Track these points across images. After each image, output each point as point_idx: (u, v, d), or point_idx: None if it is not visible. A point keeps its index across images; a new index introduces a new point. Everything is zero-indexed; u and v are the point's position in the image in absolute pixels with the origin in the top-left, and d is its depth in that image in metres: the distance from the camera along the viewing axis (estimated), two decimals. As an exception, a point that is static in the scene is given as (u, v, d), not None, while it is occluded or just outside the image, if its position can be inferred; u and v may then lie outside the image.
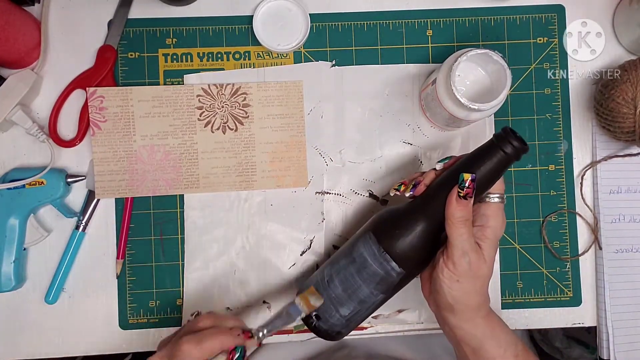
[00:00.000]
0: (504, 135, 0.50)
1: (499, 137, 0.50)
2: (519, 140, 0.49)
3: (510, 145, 0.49)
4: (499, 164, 0.50)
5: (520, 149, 0.50)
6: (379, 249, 0.53)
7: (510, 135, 0.49)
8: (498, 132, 0.50)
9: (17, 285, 0.64)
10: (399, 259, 0.53)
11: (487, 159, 0.50)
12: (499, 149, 0.50)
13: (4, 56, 0.62)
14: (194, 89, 0.65)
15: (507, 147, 0.49)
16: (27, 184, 0.63)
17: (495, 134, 0.51)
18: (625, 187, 0.68)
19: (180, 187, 0.65)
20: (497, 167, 0.50)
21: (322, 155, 0.67)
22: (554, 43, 0.68)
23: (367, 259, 0.54)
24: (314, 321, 0.56)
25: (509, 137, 0.49)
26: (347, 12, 0.68)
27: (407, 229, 0.53)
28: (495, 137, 0.50)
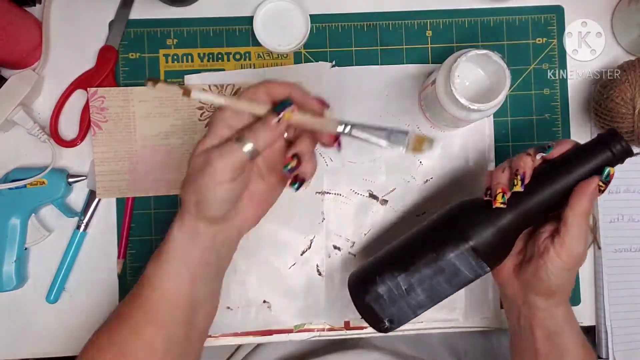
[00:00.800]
0: (613, 136, 0.51)
1: (607, 137, 0.51)
2: (626, 142, 0.51)
3: (619, 145, 0.50)
4: (604, 163, 0.51)
5: (626, 151, 0.51)
6: (477, 260, 0.51)
7: (618, 136, 0.51)
8: (604, 132, 0.52)
9: (18, 285, 0.64)
10: (491, 261, 0.52)
11: (592, 157, 0.51)
12: (606, 148, 0.51)
13: (5, 57, 0.62)
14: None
15: (615, 146, 0.50)
16: (28, 184, 0.63)
17: (602, 134, 0.52)
18: (624, 187, 0.68)
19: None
20: (600, 166, 0.51)
21: (322, 155, 0.67)
22: (553, 43, 0.69)
23: (460, 268, 0.52)
24: (386, 325, 0.54)
25: (618, 138, 0.51)
26: (347, 12, 0.68)
27: (501, 230, 0.52)
28: (601, 136, 0.52)
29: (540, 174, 0.52)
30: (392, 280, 0.53)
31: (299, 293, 0.66)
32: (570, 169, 0.51)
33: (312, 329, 0.67)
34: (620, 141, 0.51)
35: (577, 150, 0.52)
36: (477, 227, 0.52)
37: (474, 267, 0.51)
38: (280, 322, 0.66)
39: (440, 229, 0.54)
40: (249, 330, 0.66)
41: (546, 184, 0.51)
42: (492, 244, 0.51)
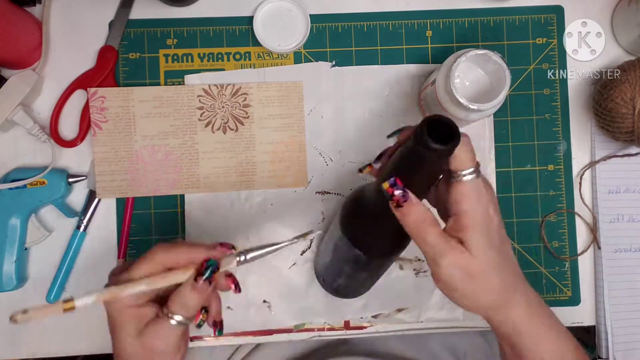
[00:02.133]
0: (419, 134, 0.37)
1: (415, 137, 0.38)
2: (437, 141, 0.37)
3: (426, 147, 0.37)
4: (423, 170, 0.41)
5: (439, 150, 0.37)
6: (340, 235, 0.50)
7: (425, 132, 0.37)
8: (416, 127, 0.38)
9: (18, 285, 0.64)
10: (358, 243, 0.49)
11: (408, 165, 0.41)
12: (416, 152, 0.38)
13: (5, 57, 0.62)
14: (194, 89, 0.65)
15: (422, 149, 0.37)
16: (29, 184, 0.63)
17: (414, 131, 0.38)
18: (624, 187, 0.68)
19: (180, 187, 0.66)
20: (423, 176, 0.42)
21: (322, 155, 0.67)
22: (553, 43, 0.69)
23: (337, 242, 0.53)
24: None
25: (423, 136, 0.37)
26: (347, 12, 0.68)
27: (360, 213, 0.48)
28: (413, 134, 0.38)
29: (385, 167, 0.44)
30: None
31: (299, 293, 0.67)
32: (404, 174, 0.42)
33: (312, 328, 0.67)
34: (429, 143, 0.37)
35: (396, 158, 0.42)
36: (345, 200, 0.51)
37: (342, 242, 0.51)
38: (280, 322, 0.66)
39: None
40: (249, 330, 0.66)
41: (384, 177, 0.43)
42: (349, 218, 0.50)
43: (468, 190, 0.42)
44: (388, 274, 0.67)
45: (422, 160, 0.39)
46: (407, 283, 0.67)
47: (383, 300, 0.67)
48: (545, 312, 0.47)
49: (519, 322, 0.45)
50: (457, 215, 0.42)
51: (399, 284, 0.67)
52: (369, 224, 0.48)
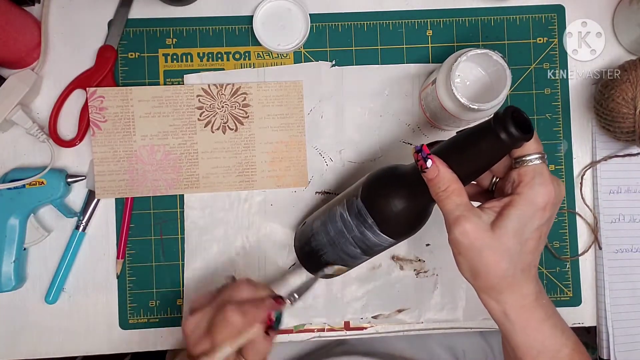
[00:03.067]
0: (502, 118, 0.42)
1: (496, 119, 0.43)
2: (516, 128, 0.42)
3: (505, 132, 0.42)
4: (492, 149, 0.44)
5: (516, 138, 0.42)
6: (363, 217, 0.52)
7: (509, 118, 0.42)
8: (499, 112, 0.43)
9: (17, 285, 0.64)
10: (385, 226, 0.51)
11: (480, 141, 0.44)
12: (494, 132, 0.42)
13: (4, 56, 0.62)
14: (194, 89, 0.65)
15: (502, 132, 0.42)
16: (27, 184, 0.63)
17: (496, 113, 0.43)
18: (625, 187, 0.68)
19: (180, 187, 0.65)
20: (489, 153, 0.44)
21: (322, 155, 0.67)
22: (554, 43, 0.68)
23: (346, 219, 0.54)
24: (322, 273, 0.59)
25: (506, 123, 0.42)
26: (347, 12, 0.68)
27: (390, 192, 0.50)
28: (494, 116, 0.43)
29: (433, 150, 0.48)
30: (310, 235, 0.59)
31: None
32: (455, 153, 0.46)
33: (312, 329, 0.67)
34: (508, 128, 0.42)
35: (467, 131, 0.46)
36: (373, 192, 0.52)
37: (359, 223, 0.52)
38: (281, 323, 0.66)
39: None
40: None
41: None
42: (385, 212, 0.51)
43: (530, 173, 0.45)
44: (388, 274, 0.67)
45: (493, 143, 0.43)
46: (407, 284, 0.67)
47: (383, 301, 0.67)
48: (543, 307, 0.47)
49: (509, 310, 0.46)
50: (511, 195, 0.45)
51: (399, 284, 0.67)
52: (394, 197, 0.50)
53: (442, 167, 0.45)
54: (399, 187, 0.50)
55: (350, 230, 0.53)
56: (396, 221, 0.51)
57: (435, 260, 0.67)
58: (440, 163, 0.45)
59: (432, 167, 0.45)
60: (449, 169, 0.45)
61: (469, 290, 0.67)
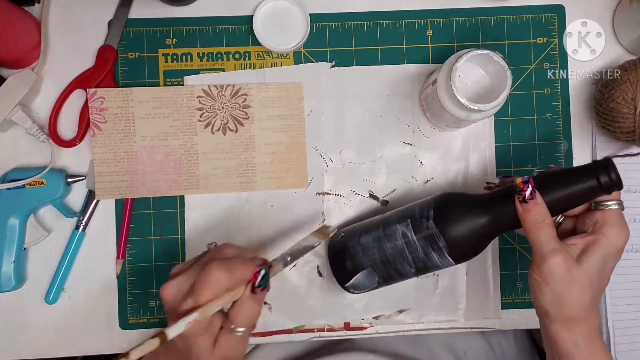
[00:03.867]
0: (604, 164, 0.48)
1: (598, 164, 0.49)
2: (616, 175, 0.48)
3: (607, 176, 0.48)
4: (588, 190, 0.49)
5: (614, 183, 0.48)
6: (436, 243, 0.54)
7: (611, 166, 0.48)
8: (599, 160, 0.49)
9: (17, 285, 0.64)
10: (454, 252, 0.54)
11: (578, 181, 0.49)
12: (593, 175, 0.48)
13: (4, 56, 0.62)
14: (194, 90, 0.65)
15: (603, 176, 0.48)
16: (27, 184, 0.63)
17: (596, 160, 0.50)
18: (625, 187, 0.67)
19: (180, 188, 0.65)
20: (583, 193, 0.49)
21: (322, 156, 0.67)
22: (554, 43, 0.68)
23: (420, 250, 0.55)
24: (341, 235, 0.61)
25: (609, 168, 0.48)
26: (347, 12, 0.67)
27: (467, 219, 0.53)
28: (594, 162, 0.49)
29: None
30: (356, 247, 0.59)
31: (299, 294, 0.66)
32: (552, 188, 0.50)
33: (312, 329, 0.67)
34: (610, 173, 0.48)
35: (566, 170, 0.51)
36: (448, 217, 0.54)
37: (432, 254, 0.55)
38: (281, 324, 0.66)
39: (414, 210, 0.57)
40: (249, 331, 0.66)
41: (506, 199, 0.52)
42: (458, 237, 0.53)
43: (614, 217, 0.50)
44: (388, 274, 0.67)
45: (591, 186, 0.49)
46: (408, 284, 0.67)
47: (384, 302, 0.67)
48: (601, 338, 0.52)
49: (580, 339, 0.50)
50: (592, 234, 0.50)
51: (400, 285, 0.67)
52: (470, 222, 0.53)
53: (540, 200, 0.49)
54: (476, 213, 0.53)
55: (413, 251, 0.55)
56: (466, 246, 0.54)
57: (435, 260, 0.67)
58: (539, 196, 0.49)
59: (535, 199, 0.49)
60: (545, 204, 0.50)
61: (469, 290, 0.67)
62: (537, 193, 0.49)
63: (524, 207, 0.49)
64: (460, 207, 0.54)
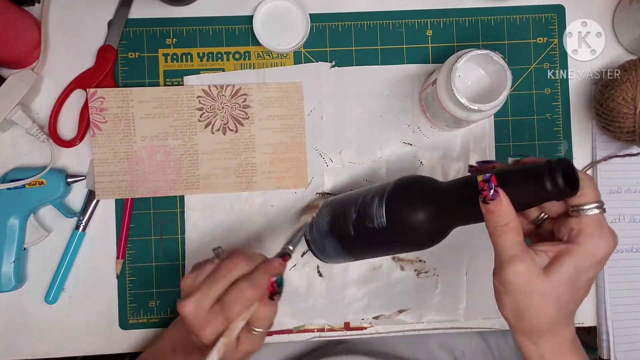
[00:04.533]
0: (553, 168, 0.42)
1: (547, 167, 0.42)
2: (568, 180, 0.42)
3: (552, 182, 0.41)
4: (535, 194, 0.43)
5: (561, 190, 0.42)
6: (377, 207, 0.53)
7: (559, 170, 0.42)
8: (552, 160, 0.43)
9: (17, 285, 0.64)
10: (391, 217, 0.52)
11: (523, 182, 0.44)
12: (541, 179, 0.42)
13: (4, 56, 0.62)
14: (194, 90, 0.65)
15: (547, 181, 0.42)
16: (27, 184, 0.63)
17: (548, 161, 0.43)
18: (625, 187, 0.68)
19: (180, 188, 0.65)
20: (531, 198, 0.44)
21: (322, 156, 0.67)
22: (554, 43, 0.68)
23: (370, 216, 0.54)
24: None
25: (556, 172, 0.41)
26: (347, 12, 0.67)
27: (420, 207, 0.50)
28: (546, 164, 0.43)
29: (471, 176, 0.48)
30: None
31: (299, 294, 0.66)
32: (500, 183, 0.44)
33: (312, 329, 0.67)
34: (557, 178, 0.41)
35: (515, 169, 0.45)
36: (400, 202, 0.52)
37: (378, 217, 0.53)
38: (281, 324, 0.66)
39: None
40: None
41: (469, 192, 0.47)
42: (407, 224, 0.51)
43: (591, 224, 0.44)
44: (389, 275, 0.67)
45: (537, 189, 0.42)
46: (408, 284, 0.67)
47: (384, 302, 0.67)
48: (577, 350, 0.47)
49: (546, 353, 0.46)
50: (568, 242, 0.45)
51: (400, 285, 0.67)
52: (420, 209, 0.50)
53: (505, 202, 0.44)
54: (431, 203, 0.50)
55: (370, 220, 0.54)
56: (417, 235, 0.51)
57: (435, 260, 0.67)
58: (505, 197, 0.44)
59: (497, 201, 0.44)
60: (511, 204, 0.44)
61: (469, 290, 0.67)
62: (501, 193, 0.43)
63: (485, 207, 0.44)
64: (417, 194, 0.51)
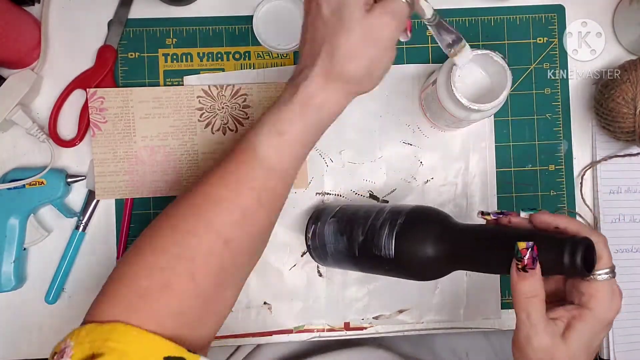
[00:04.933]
0: (576, 246, 0.42)
1: (571, 243, 0.42)
2: (585, 262, 0.42)
3: (571, 259, 0.42)
4: (550, 264, 0.43)
5: (577, 270, 0.42)
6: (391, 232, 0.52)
7: (581, 249, 0.42)
8: (576, 238, 0.43)
9: (17, 285, 0.64)
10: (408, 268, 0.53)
11: (545, 252, 0.43)
12: (560, 252, 0.42)
13: (4, 56, 0.62)
14: (194, 90, 0.65)
15: (567, 257, 0.42)
16: (27, 184, 0.63)
17: (572, 239, 0.43)
18: (625, 187, 0.68)
19: (180, 188, 0.65)
20: (546, 266, 0.44)
21: (322, 156, 0.67)
22: (554, 43, 0.68)
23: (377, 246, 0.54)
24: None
25: (578, 251, 0.42)
26: (347, 12, 0.67)
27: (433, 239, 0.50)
28: (569, 240, 0.43)
29: (496, 232, 0.48)
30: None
31: (299, 294, 0.66)
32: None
33: (312, 329, 0.67)
34: (577, 257, 0.41)
35: (537, 235, 0.45)
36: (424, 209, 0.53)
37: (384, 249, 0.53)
38: (281, 324, 0.66)
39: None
40: (249, 331, 0.66)
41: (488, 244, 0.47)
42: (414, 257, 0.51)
43: (603, 289, 0.45)
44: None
45: (554, 261, 0.43)
46: (408, 284, 0.66)
47: (384, 302, 0.67)
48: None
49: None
50: (580, 307, 0.45)
51: (400, 285, 0.67)
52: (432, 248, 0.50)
53: (539, 272, 0.43)
54: (444, 243, 0.50)
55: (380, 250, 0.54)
56: (420, 269, 0.52)
57: (435, 260, 0.67)
58: (539, 268, 0.43)
59: (535, 271, 0.43)
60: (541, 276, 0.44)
61: (469, 290, 0.67)
62: (538, 264, 0.43)
63: (520, 275, 0.43)
64: (431, 232, 0.50)
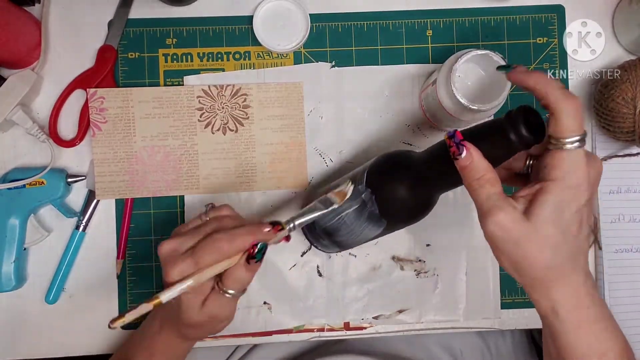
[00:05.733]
0: (514, 118, 0.41)
1: (509, 118, 0.41)
2: (531, 128, 0.40)
3: (516, 133, 0.40)
4: (502, 148, 0.42)
5: (527, 141, 0.41)
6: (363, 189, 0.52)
7: (521, 119, 0.40)
8: (512, 111, 0.41)
9: (17, 285, 0.64)
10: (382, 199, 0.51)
11: (489, 136, 0.43)
12: (504, 131, 0.41)
13: (4, 56, 0.62)
14: (194, 90, 0.65)
15: (511, 133, 0.41)
16: (28, 184, 0.63)
17: (509, 112, 0.41)
18: (625, 187, 0.68)
19: (180, 188, 0.65)
20: (500, 152, 0.43)
21: (322, 156, 0.67)
22: (554, 43, 0.68)
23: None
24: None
25: (518, 121, 0.40)
26: (347, 12, 0.67)
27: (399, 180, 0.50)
28: (506, 115, 0.42)
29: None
30: None
31: (299, 294, 0.66)
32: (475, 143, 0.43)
33: (312, 329, 0.67)
34: (520, 128, 0.40)
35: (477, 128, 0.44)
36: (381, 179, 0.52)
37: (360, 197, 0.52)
38: (281, 323, 0.66)
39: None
40: (249, 331, 0.66)
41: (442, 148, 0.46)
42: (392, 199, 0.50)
43: (567, 158, 0.41)
44: (389, 274, 0.67)
45: (502, 142, 0.41)
46: (408, 284, 0.67)
47: (384, 302, 0.67)
48: (596, 305, 0.44)
49: (559, 307, 0.43)
50: (542, 180, 0.42)
51: (400, 285, 0.67)
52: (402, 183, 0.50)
53: (476, 155, 0.42)
54: (409, 174, 0.50)
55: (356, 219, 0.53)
56: (404, 208, 0.51)
57: (435, 260, 0.67)
58: (475, 150, 0.42)
59: (466, 155, 0.42)
60: (483, 156, 0.42)
61: (469, 290, 0.67)
62: (469, 147, 0.42)
63: (457, 164, 0.43)
64: (394, 168, 0.51)
